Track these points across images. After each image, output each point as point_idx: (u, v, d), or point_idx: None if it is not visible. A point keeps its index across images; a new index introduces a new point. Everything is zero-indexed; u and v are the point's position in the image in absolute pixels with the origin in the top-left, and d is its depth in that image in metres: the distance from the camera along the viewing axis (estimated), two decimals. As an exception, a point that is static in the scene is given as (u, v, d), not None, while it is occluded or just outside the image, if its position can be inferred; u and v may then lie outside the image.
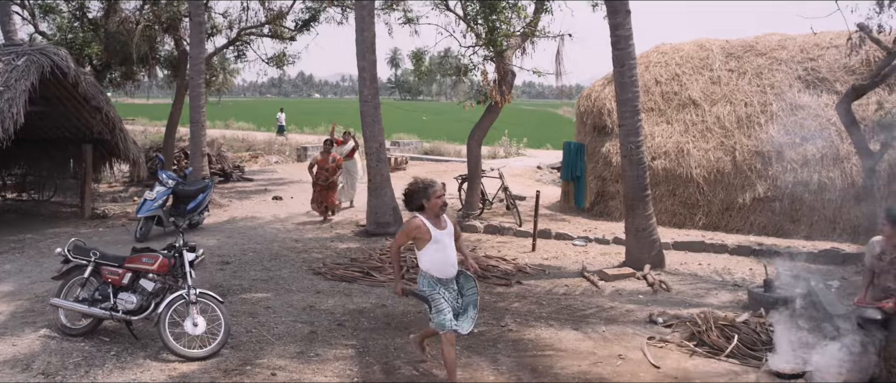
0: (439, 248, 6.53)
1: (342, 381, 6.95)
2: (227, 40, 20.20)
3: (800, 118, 14.70)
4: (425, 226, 6.52)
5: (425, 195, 6.53)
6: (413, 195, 6.60)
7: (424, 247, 6.54)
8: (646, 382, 7.16)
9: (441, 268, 6.57)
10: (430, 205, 6.53)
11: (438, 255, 6.54)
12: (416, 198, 6.57)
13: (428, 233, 6.50)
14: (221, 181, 21.29)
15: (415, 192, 6.59)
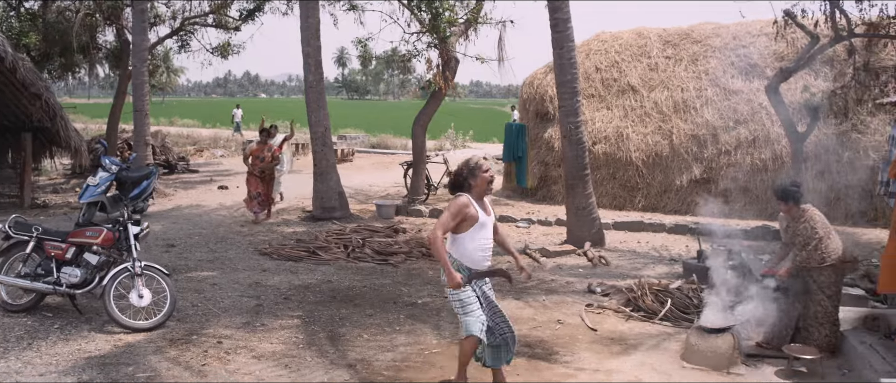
0: (481, 235, 5.79)
1: (288, 347, 7.08)
2: (171, 30, 20.04)
3: (733, 103, 15.26)
4: (474, 206, 5.74)
5: (472, 173, 5.80)
6: (459, 176, 5.86)
7: (466, 231, 5.74)
8: (583, 344, 7.44)
9: (477, 257, 5.80)
10: (477, 184, 5.79)
11: (479, 243, 5.77)
12: (463, 179, 5.83)
13: (476, 214, 5.73)
14: (166, 172, 21.11)
15: (461, 173, 5.86)
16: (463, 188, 5.82)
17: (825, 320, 6.98)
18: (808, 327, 7.04)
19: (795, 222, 7.04)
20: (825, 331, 6.99)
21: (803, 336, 7.05)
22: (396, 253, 11.08)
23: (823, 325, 6.98)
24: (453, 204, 5.74)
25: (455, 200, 5.77)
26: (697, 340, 6.97)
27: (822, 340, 6.98)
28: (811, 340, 6.98)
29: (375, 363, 6.71)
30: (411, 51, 15.32)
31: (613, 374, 6.63)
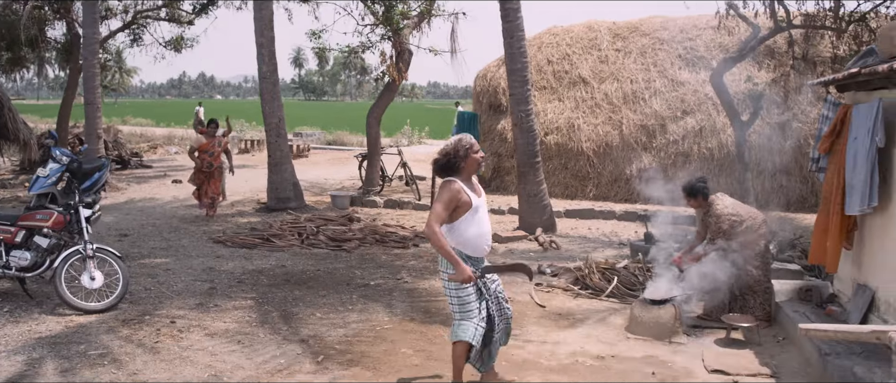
0: (478, 219, 5.30)
1: (241, 326, 7.16)
2: (123, 23, 19.85)
3: (680, 93, 15.66)
4: (466, 192, 5.24)
5: (465, 154, 5.26)
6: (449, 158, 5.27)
7: (461, 217, 5.23)
8: (531, 319, 7.64)
9: (477, 243, 5.31)
10: (467, 165, 5.28)
11: (475, 228, 5.27)
12: (453, 161, 5.26)
13: (469, 198, 5.23)
14: (119, 168, 20.88)
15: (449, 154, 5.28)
16: (452, 171, 5.25)
17: (758, 289, 7.37)
18: (743, 297, 7.41)
19: (707, 215, 7.51)
20: (759, 300, 7.39)
21: (740, 306, 7.40)
22: (350, 239, 11.19)
23: (757, 294, 7.38)
24: (445, 191, 5.19)
25: (446, 187, 5.21)
26: (641, 312, 7.22)
27: (757, 308, 7.37)
28: (747, 309, 7.35)
29: (327, 338, 6.83)
30: (365, 42, 15.45)
31: (559, 345, 6.84)
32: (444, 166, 5.29)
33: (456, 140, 5.36)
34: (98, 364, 6.04)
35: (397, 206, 15.02)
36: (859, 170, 6.46)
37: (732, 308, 7.40)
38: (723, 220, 7.34)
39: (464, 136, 5.40)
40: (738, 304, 7.42)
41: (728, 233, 7.30)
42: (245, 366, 6.07)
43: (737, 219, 7.35)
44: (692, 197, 7.56)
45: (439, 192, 5.27)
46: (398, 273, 9.47)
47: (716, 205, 7.45)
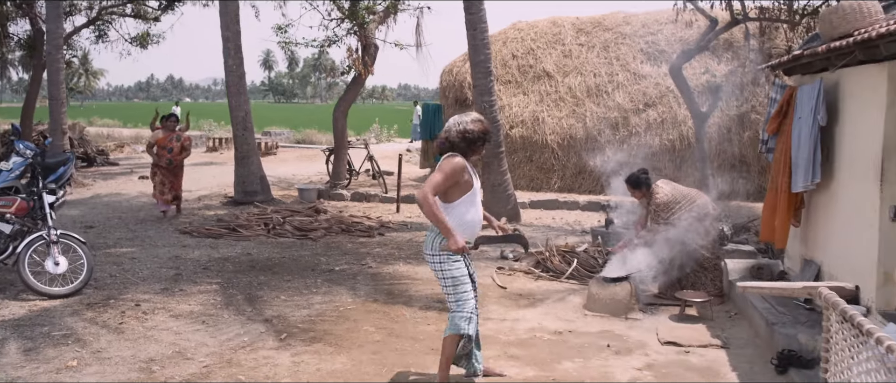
0: (477, 202, 5.08)
1: (206, 308, 7.25)
2: (88, 19, 19.74)
3: (642, 87, 15.96)
4: (469, 171, 4.97)
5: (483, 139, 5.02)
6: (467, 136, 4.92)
7: (461, 198, 4.94)
8: (492, 299, 7.81)
9: (473, 227, 5.05)
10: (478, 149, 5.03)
11: (474, 212, 5.03)
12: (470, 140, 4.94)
13: (471, 180, 4.98)
14: (84, 166, 20.73)
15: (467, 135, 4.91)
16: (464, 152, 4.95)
17: (708, 267, 7.70)
18: (695, 275, 7.72)
19: (651, 203, 7.72)
20: (710, 277, 7.72)
21: (692, 283, 7.69)
22: (316, 228, 11.29)
23: (708, 272, 7.70)
24: (449, 164, 4.85)
25: (450, 160, 4.87)
26: (598, 289, 7.43)
27: (709, 285, 7.68)
28: (700, 286, 7.63)
29: (291, 318, 6.95)
30: (331, 37, 15.54)
31: (519, 322, 7.03)
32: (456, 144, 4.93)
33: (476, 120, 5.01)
34: (62, 343, 6.11)
35: (364, 199, 15.13)
36: (803, 148, 6.72)
37: (684, 286, 7.65)
38: (660, 208, 7.60)
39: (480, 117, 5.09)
40: (690, 282, 7.69)
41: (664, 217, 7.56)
42: (209, 344, 6.17)
43: (670, 204, 7.59)
44: (636, 188, 7.77)
45: (442, 163, 4.91)
46: (363, 259, 9.61)
47: (656, 195, 7.68)
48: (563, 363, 5.92)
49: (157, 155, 12.48)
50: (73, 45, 20.72)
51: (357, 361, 5.81)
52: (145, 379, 5.35)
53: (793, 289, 4.18)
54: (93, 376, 5.39)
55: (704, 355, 6.17)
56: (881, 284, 5.81)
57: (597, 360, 6.00)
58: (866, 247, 5.97)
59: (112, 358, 5.79)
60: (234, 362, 5.74)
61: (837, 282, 3.90)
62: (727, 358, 6.11)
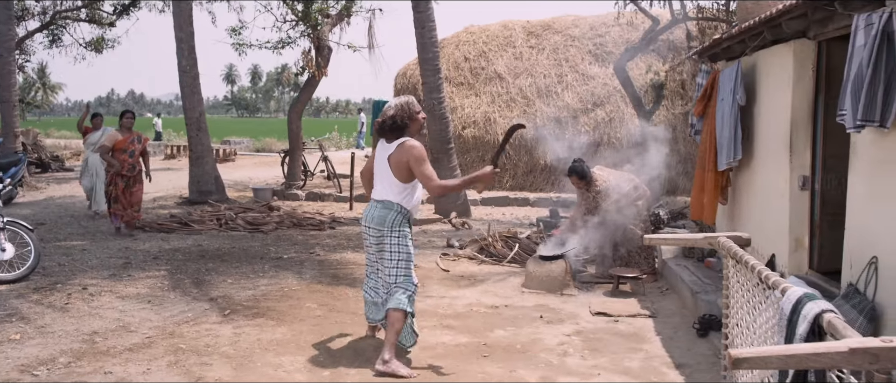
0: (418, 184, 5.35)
1: (152, 291, 7.39)
2: (41, 23, 19.69)
3: (591, 87, 16.39)
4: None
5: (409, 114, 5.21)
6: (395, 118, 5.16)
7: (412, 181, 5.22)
8: (435, 281, 8.06)
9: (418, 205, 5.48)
10: (412, 125, 5.25)
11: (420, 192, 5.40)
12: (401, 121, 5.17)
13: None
14: (39, 171, 20.57)
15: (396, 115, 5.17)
16: (399, 131, 5.18)
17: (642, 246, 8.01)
18: (629, 253, 8.07)
19: (591, 190, 8.05)
20: (644, 255, 8.09)
21: (626, 262, 8.04)
22: (268, 223, 11.45)
23: (642, 250, 8.05)
24: (416, 150, 5.10)
25: (413, 148, 5.10)
26: (535, 267, 7.72)
27: (642, 263, 8.04)
28: (633, 264, 7.97)
29: (236, 297, 7.13)
30: (285, 39, 15.74)
31: (458, 299, 7.29)
32: (391, 127, 5.17)
33: (404, 101, 5.27)
34: (6, 321, 6.22)
35: (319, 199, 15.30)
36: (726, 127, 7.10)
37: (619, 265, 7.99)
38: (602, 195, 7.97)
39: (410, 98, 5.35)
40: (624, 261, 8.03)
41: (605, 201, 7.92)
42: (153, 320, 6.33)
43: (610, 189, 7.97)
44: (581, 178, 8.04)
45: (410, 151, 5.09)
46: (312, 249, 9.80)
47: (597, 183, 8.03)
48: (495, 331, 6.18)
49: (117, 160, 10.47)
50: (26, 49, 20.60)
51: (297, 332, 6.01)
52: (87, 349, 5.50)
53: (694, 240, 4.49)
54: (35, 347, 5.52)
55: (632, 323, 6.48)
56: (793, 250, 6.19)
57: (528, 329, 6.27)
58: (779, 216, 6.34)
59: (55, 332, 5.92)
60: (177, 334, 5.91)
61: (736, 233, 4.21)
62: (653, 325, 6.43)
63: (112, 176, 10.56)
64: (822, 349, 2.42)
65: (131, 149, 10.59)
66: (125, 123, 10.74)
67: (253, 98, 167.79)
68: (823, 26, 5.56)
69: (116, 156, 10.46)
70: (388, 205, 5.21)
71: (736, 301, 4.17)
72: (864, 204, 4.81)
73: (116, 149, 10.50)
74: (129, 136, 10.65)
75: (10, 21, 15.68)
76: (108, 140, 10.59)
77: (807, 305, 2.98)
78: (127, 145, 10.57)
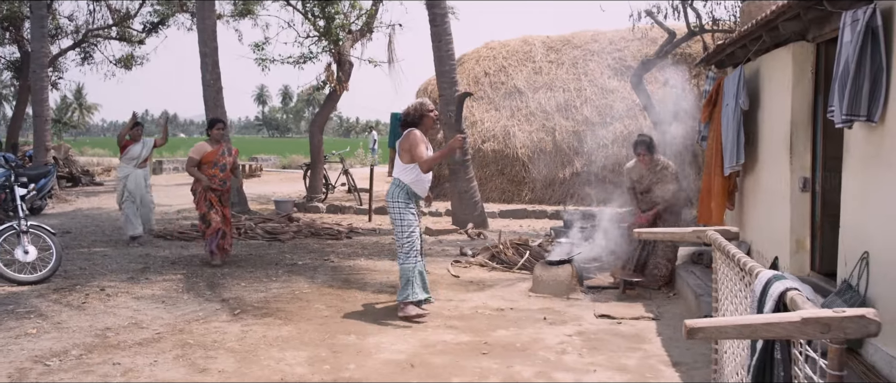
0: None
1: (167, 292, 7.58)
2: (74, 41, 20.25)
3: (609, 101, 16.44)
4: (425, 141, 6.56)
5: (420, 112, 6.56)
6: (409, 116, 6.58)
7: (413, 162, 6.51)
8: (444, 286, 8.16)
9: (424, 186, 6.65)
10: (424, 122, 6.57)
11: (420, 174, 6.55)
12: (413, 118, 6.56)
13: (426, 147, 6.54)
14: (69, 185, 21.03)
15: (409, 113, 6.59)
16: (416, 125, 6.53)
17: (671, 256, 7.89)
18: (656, 264, 7.88)
19: (651, 172, 7.90)
20: (668, 267, 7.91)
21: (650, 271, 7.89)
22: (286, 232, 11.64)
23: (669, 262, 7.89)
24: (410, 137, 6.43)
25: (410, 134, 6.45)
26: (542, 272, 7.80)
27: (665, 275, 7.89)
28: (657, 274, 7.86)
29: (248, 299, 7.29)
30: (306, 54, 16.03)
31: (465, 302, 7.38)
32: (405, 122, 6.57)
33: (419, 101, 6.64)
34: (24, 317, 6.44)
35: (339, 211, 15.49)
36: (730, 132, 7.16)
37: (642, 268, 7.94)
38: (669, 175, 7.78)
39: (424, 99, 6.72)
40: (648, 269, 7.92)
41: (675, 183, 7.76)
42: (164, 317, 6.51)
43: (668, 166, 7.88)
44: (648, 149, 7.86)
45: (406, 137, 6.46)
46: (327, 256, 9.96)
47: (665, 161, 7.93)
48: (497, 331, 6.27)
49: (208, 177, 9.15)
50: (59, 66, 21.18)
51: (303, 330, 6.15)
52: (99, 342, 5.68)
53: (683, 233, 4.55)
54: (49, 341, 5.72)
55: (635, 325, 6.53)
56: (794, 251, 6.21)
57: (530, 329, 6.35)
58: (781, 219, 6.38)
59: (70, 327, 6.12)
60: (186, 331, 6.08)
61: (725, 227, 4.28)
62: (655, 327, 6.47)
63: (202, 193, 9.16)
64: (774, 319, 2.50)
65: (222, 163, 9.26)
66: (215, 134, 9.34)
67: (283, 118, 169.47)
68: (821, 28, 5.62)
69: (205, 172, 9.15)
70: (394, 181, 6.61)
71: (723, 293, 4.23)
72: (857, 200, 4.85)
73: (204, 162, 9.16)
74: (219, 148, 9.27)
75: (43, 39, 16.15)
76: (195, 152, 9.25)
77: (773, 285, 3.05)
78: (217, 158, 9.20)
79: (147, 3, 20.43)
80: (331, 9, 15.47)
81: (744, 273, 3.51)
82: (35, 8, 16.03)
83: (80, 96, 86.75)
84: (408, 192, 6.54)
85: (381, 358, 5.40)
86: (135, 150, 11.13)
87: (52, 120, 16.60)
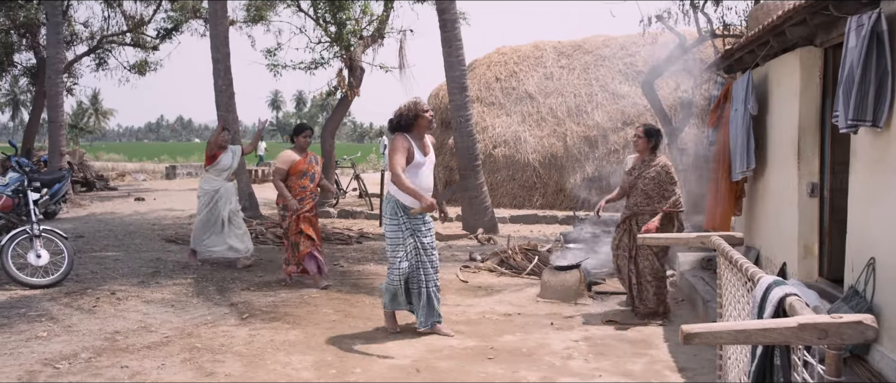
0: (421, 174, 6.03)
1: (177, 296, 7.63)
2: (89, 48, 20.43)
3: (621, 106, 16.42)
4: (414, 147, 5.97)
5: (415, 112, 5.98)
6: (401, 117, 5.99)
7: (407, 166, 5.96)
8: (452, 291, 8.18)
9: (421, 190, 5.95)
10: (417, 124, 6.00)
11: (418, 182, 5.96)
12: (406, 118, 5.98)
13: (413, 155, 5.95)
14: (83, 190, 21.20)
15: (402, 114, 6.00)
16: (404, 128, 5.98)
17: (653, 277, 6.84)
18: (640, 283, 6.92)
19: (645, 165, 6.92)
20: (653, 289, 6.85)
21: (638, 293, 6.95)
22: (296, 236, 11.68)
23: (652, 283, 6.84)
24: (393, 142, 5.96)
25: (396, 140, 5.94)
26: (550, 277, 7.80)
27: (650, 300, 6.86)
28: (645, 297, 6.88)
29: (256, 303, 7.33)
30: (318, 59, 16.11)
31: (472, 307, 7.40)
32: (396, 125, 6.01)
33: (412, 100, 6.07)
34: (36, 320, 6.50)
35: (350, 216, 15.54)
36: (739, 137, 7.14)
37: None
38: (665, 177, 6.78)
39: (418, 98, 6.11)
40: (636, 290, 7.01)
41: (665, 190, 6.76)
42: (173, 321, 6.56)
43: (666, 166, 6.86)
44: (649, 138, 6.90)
45: (391, 144, 6.00)
46: (336, 261, 9.99)
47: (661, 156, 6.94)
48: (504, 336, 6.28)
49: (293, 189, 8.09)
50: (74, 72, 21.39)
51: (310, 334, 6.18)
52: (108, 346, 5.73)
53: (687, 238, 4.55)
54: (59, 344, 5.78)
55: (642, 331, 6.52)
56: (802, 257, 6.19)
57: (537, 334, 6.35)
58: (789, 224, 6.35)
59: (80, 331, 6.17)
60: (194, 335, 6.12)
61: (729, 232, 4.28)
62: (662, 332, 6.46)
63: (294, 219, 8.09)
64: (772, 325, 2.50)
65: (311, 172, 8.23)
66: (301, 142, 8.23)
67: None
68: (828, 33, 5.61)
69: (292, 184, 8.09)
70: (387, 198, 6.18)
71: (727, 299, 4.22)
72: (863, 205, 4.83)
73: (292, 173, 8.08)
74: (307, 157, 8.21)
75: (59, 45, 16.29)
76: (282, 162, 8.09)
77: (773, 290, 3.05)
78: (306, 167, 8.17)
79: (161, 9, 20.64)
80: (342, 15, 15.55)
81: (746, 278, 3.52)
82: (51, 14, 16.17)
83: (97, 102, 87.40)
84: (395, 206, 6.04)
85: (388, 363, 5.42)
86: (225, 160, 9.53)
87: (69, 125, 16.69)
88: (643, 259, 6.86)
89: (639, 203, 6.87)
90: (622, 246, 7.02)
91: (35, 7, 18.68)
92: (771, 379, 3.00)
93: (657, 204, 6.75)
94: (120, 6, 20.31)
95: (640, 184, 6.86)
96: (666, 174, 6.78)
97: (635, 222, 6.91)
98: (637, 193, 6.89)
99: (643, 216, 6.83)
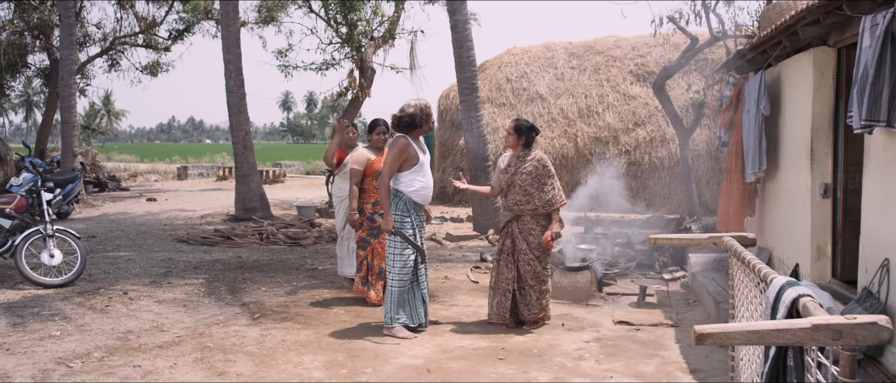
0: (424, 173, 6.17)
1: (188, 296, 7.66)
2: (101, 49, 20.54)
3: (632, 107, 16.37)
4: (414, 148, 6.03)
5: (427, 113, 6.09)
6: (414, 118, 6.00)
7: (409, 169, 6.04)
8: (463, 292, 8.18)
9: (423, 193, 6.17)
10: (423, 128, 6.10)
11: (421, 180, 6.12)
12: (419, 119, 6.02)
13: (416, 154, 6.04)
14: (96, 190, 21.32)
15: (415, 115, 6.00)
16: (410, 129, 6.01)
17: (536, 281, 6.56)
18: (523, 289, 6.57)
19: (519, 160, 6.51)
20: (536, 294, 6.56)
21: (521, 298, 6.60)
22: (307, 237, 11.71)
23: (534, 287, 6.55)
24: (395, 146, 5.93)
25: (397, 143, 5.96)
26: (561, 277, 7.79)
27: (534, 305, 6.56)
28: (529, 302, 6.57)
29: (268, 303, 7.35)
30: (329, 60, 16.14)
31: (482, 308, 7.36)
32: (408, 124, 6.03)
33: (424, 103, 6.10)
34: (49, 320, 6.55)
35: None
36: (751, 138, 7.11)
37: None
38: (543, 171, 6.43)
39: (427, 101, 6.19)
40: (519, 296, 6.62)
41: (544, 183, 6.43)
42: (185, 321, 6.58)
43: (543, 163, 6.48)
44: (519, 134, 6.49)
45: (391, 147, 6.02)
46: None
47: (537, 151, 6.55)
48: (514, 337, 6.27)
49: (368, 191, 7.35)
50: (87, 73, 21.51)
51: (321, 334, 6.19)
52: (120, 345, 5.76)
53: (699, 239, 4.53)
54: (72, 343, 5.81)
55: (653, 332, 6.49)
56: (815, 258, 6.15)
57: (548, 335, 6.34)
58: (802, 225, 6.32)
59: (93, 330, 6.21)
60: (206, 334, 6.14)
61: (741, 233, 4.26)
62: (674, 333, 6.43)
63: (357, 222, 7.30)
64: (785, 325, 2.49)
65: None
66: (376, 140, 7.43)
67: (308, 124, 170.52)
68: (841, 33, 5.58)
69: (367, 184, 7.30)
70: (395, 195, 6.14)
71: (740, 299, 4.21)
72: (877, 206, 4.80)
73: (368, 174, 7.28)
74: (383, 156, 7.13)
75: (72, 46, 16.39)
76: (357, 162, 7.25)
77: (787, 291, 3.03)
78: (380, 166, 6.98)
79: (173, 10, 20.74)
80: (353, 16, 15.58)
81: (758, 279, 3.50)
82: (64, 16, 16.27)
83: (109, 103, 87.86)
84: (407, 203, 6.09)
85: (398, 363, 5.42)
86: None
87: (81, 126, 16.78)
88: (524, 264, 6.53)
89: (519, 202, 6.48)
90: (506, 249, 6.61)
91: (49, 9, 18.80)
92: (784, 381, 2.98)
93: (537, 201, 6.42)
94: (132, 7, 20.43)
95: (517, 181, 6.45)
96: (543, 167, 6.45)
97: (517, 225, 6.57)
98: (516, 191, 6.49)
99: (524, 217, 6.50)
